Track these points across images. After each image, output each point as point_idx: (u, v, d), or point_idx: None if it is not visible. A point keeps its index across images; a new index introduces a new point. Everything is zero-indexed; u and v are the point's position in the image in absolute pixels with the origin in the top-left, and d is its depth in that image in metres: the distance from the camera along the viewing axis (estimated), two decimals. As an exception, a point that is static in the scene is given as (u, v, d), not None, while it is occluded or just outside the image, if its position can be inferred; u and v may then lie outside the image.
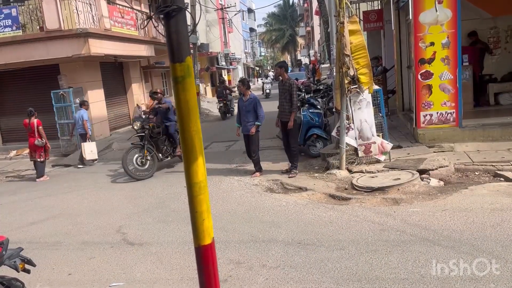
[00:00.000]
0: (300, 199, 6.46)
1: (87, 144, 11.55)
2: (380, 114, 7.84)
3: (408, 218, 5.15)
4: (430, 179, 6.53)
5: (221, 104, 19.56)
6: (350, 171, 7.44)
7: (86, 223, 6.50)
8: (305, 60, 59.43)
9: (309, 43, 56.45)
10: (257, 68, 63.90)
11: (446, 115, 7.96)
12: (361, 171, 7.28)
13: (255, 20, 65.47)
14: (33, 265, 3.53)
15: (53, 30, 12.92)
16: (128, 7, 16.44)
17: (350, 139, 7.52)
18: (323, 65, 28.29)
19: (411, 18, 8.04)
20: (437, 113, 7.98)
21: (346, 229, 5.07)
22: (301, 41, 67.34)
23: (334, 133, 7.94)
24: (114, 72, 17.33)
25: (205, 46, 30.04)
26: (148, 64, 19.92)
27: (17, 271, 3.40)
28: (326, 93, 13.50)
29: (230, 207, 6.46)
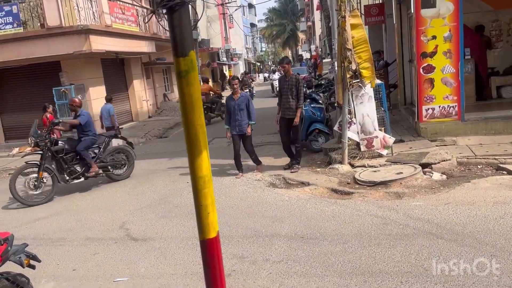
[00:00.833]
0: (302, 194, 6.47)
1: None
2: (382, 108, 7.84)
3: (410, 212, 5.15)
4: (432, 173, 6.53)
5: (247, 90, 22.94)
6: (352, 166, 7.44)
7: (90, 219, 6.52)
8: (306, 55, 59.24)
9: (310, 38, 56.26)
10: (258, 64, 63.78)
11: (448, 109, 7.94)
12: (363, 166, 7.28)
13: (255, 15, 65.35)
14: (38, 260, 3.56)
15: (54, 27, 12.93)
16: (129, 3, 16.42)
17: (352, 134, 7.52)
18: (324, 60, 28.22)
19: (412, 11, 8.01)
20: (439, 106, 7.96)
21: (349, 223, 5.08)
22: (302, 36, 67.06)
23: (336, 128, 7.94)
24: (115, 69, 17.34)
25: (206, 42, 30.01)
26: (149, 60, 19.92)
27: (22, 267, 3.42)
28: (327, 88, 13.51)
29: (233, 202, 6.48)
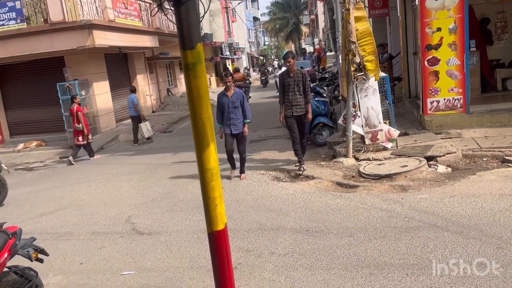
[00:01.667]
0: (307, 188, 6.47)
1: (143, 124, 12.94)
2: (387, 101, 7.81)
3: (416, 205, 5.15)
4: (437, 166, 6.51)
5: (263, 77, 29.79)
6: (357, 159, 7.43)
7: (96, 214, 6.56)
8: (309, 49, 58.96)
9: (313, 32, 55.96)
10: (261, 58, 63.57)
11: (453, 101, 7.89)
12: (368, 159, 7.27)
13: (258, 9, 64.98)
14: (46, 254, 3.60)
15: (57, 22, 12.93)
16: (132, -3, 16.38)
17: (356, 127, 7.50)
18: (328, 53, 28.11)
19: (417, 3, 7.95)
20: (444, 99, 7.91)
21: (354, 216, 5.08)
22: (305, 29, 66.72)
23: (340, 121, 7.92)
24: (118, 64, 17.34)
25: (208, 36, 29.88)
26: (152, 55, 19.90)
27: (31, 260, 3.46)
28: (331, 82, 13.46)
29: (238, 196, 6.50)
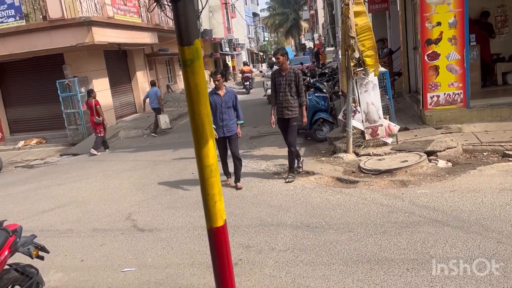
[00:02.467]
0: (307, 183, 6.47)
1: (161, 116, 13.72)
2: (387, 97, 7.79)
3: (416, 200, 5.15)
4: (438, 161, 6.50)
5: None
6: (357, 155, 7.43)
7: (96, 211, 6.57)
8: (309, 44, 58.84)
9: (313, 27, 55.88)
10: (261, 54, 63.44)
11: (453, 96, 7.88)
12: (368, 154, 7.26)
13: (258, 4, 64.76)
14: (47, 251, 3.60)
15: (56, 19, 12.89)
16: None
17: (356, 122, 7.49)
18: (328, 49, 28.06)
19: (417, -2, 7.92)
20: (444, 94, 7.90)
21: (354, 212, 5.08)
22: (305, 24, 66.59)
23: (340, 117, 7.90)
24: (118, 61, 17.31)
25: (208, 32, 29.82)
26: (152, 51, 19.86)
27: (31, 258, 3.47)
28: (331, 77, 13.42)
29: (238, 192, 6.50)
